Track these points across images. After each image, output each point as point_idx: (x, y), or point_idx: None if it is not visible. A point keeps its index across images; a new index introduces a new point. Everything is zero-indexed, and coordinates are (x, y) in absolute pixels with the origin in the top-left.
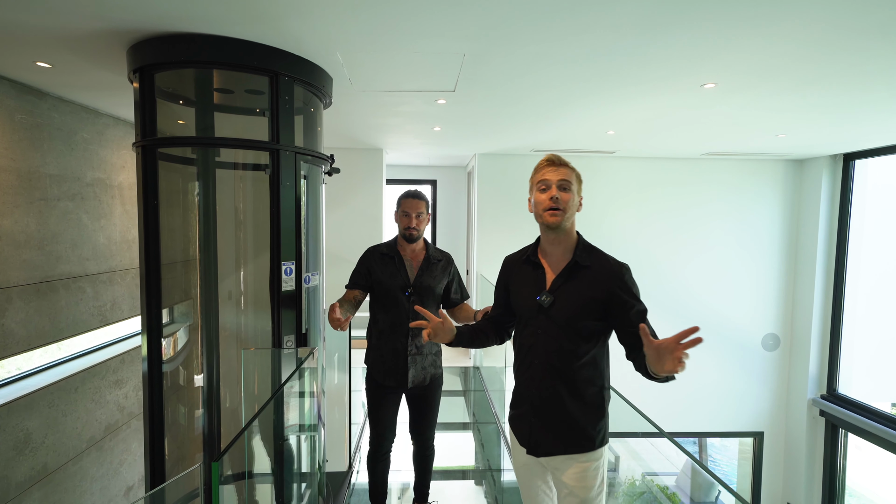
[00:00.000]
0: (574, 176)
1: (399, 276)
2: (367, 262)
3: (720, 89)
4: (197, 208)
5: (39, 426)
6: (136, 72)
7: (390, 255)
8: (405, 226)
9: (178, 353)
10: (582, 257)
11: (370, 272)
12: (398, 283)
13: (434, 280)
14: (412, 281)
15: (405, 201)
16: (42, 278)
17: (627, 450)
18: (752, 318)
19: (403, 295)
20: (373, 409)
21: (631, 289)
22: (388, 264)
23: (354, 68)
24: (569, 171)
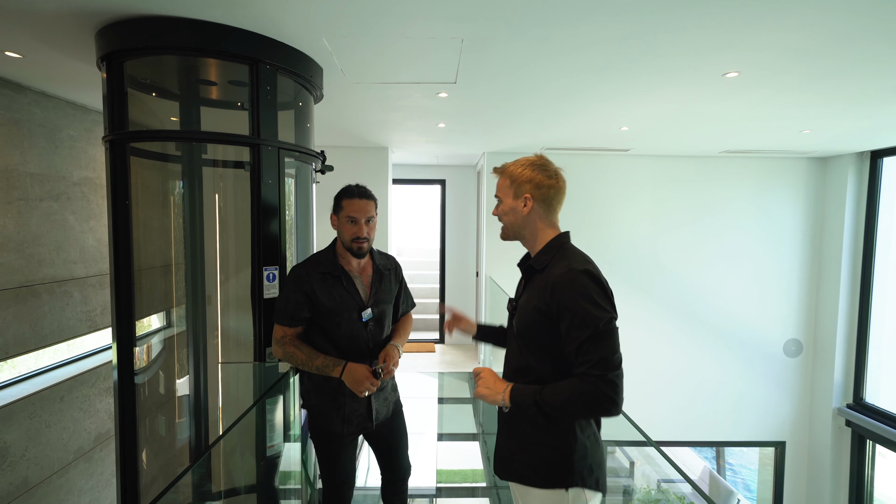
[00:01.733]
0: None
1: (351, 299)
2: (302, 287)
3: (743, 79)
4: (174, 208)
5: (19, 438)
6: (104, 59)
7: (334, 275)
8: (353, 236)
9: (151, 364)
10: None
11: (311, 299)
12: (351, 308)
13: (389, 294)
14: (367, 301)
15: (350, 203)
16: (22, 283)
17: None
18: (773, 324)
19: (360, 321)
20: (327, 462)
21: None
22: (333, 286)
23: (344, 57)
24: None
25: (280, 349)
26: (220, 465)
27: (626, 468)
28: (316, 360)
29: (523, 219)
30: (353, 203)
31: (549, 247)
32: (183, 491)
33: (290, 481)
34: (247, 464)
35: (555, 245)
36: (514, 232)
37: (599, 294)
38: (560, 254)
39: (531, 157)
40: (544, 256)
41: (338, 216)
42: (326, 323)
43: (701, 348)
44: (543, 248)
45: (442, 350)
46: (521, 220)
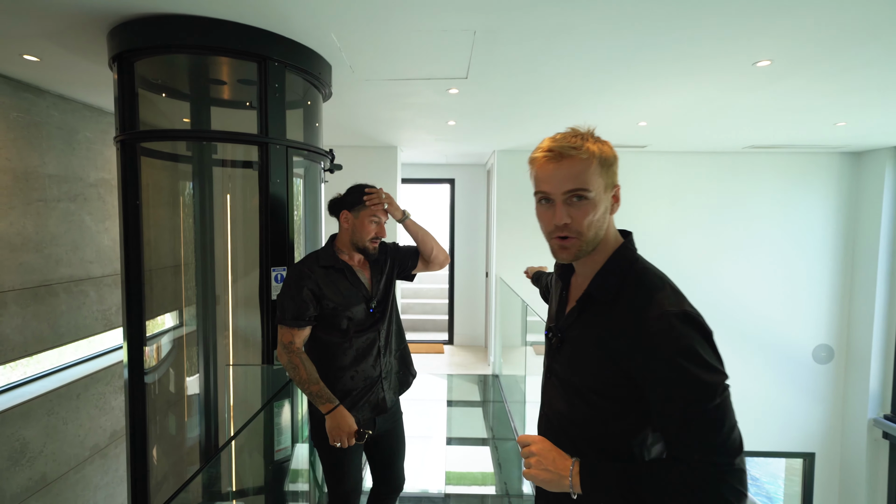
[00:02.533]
0: (593, 168)
1: (358, 292)
2: (306, 284)
3: (775, 68)
4: (184, 208)
5: (37, 435)
6: (115, 59)
7: (337, 268)
8: (373, 235)
9: (161, 364)
10: (602, 286)
11: (316, 296)
12: (359, 300)
13: (389, 281)
14: (372, 293)
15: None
16: (40, 282)
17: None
18: (803, 328)
19: (368, 313)
20: (340, 469)
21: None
22: (338, 280)
23: (353, 53)
24: (582, 165)
25: (286, 356)
26: (229, 467)
27: None
28: (312, 386)
29: (604, 223)
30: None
31: (614, 263)
32: (193, 490)
33: (299, 483)
34: (255, 466)
35: (623, 259)
36: (591, 245)
37: (707, 349)
38: (634, 277)
39: (580, 130)
40: (610, 279)
41: (356, 214)
42: (333, 319)
43: (724, 353)
44: (607, 266)
45: (451, 351)
46: (601, 227)
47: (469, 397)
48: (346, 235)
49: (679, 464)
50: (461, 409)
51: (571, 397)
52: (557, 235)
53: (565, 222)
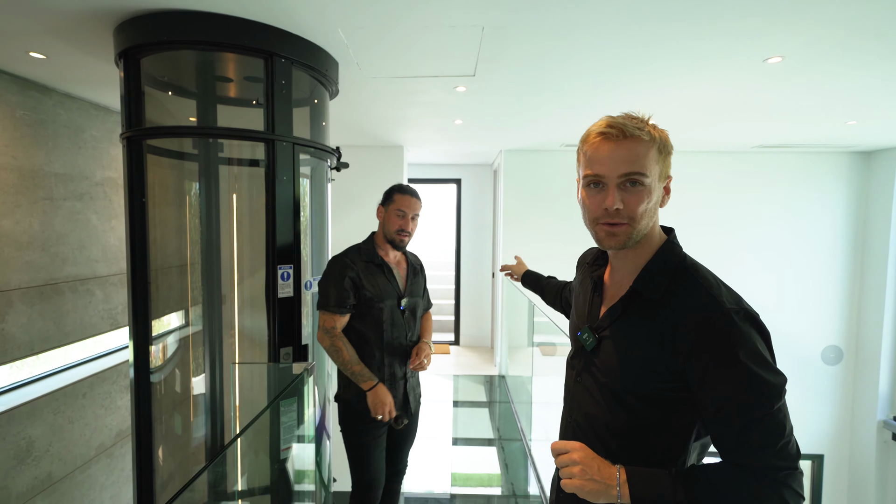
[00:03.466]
0: (653, 153)
1: (392, 288)
2: (348, 274)
3: (787, 64)
4: (190, 207)
5: (43, 433)
6: (121, 56)
7: (377, 263)
8: (398, 228)
9: (167, 363)
10: (650, 283)
11: (356, 285)
12: (392, 296)
13: (420, 289)
14: (404, 291)
15: (402, 198)
16: (46, 280)
17: None
18: (811, 329)
19: (399, 309)
20: (365, 456)
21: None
22: (377, 275)
23: (360, 49)
24: (642, 148)
25: (328, 339)
26: (234, 466)
27: None
28: (355, 366)
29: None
30: (405, 199)
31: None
32: (199, 489)
33: (305, 483)
34: (261, 465)
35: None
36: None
37: (767, 350)
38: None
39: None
40: (658, 276)
41: (386, 208)
42: (369, 310)
43: None
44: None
45: (457, 352)
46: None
47: (475, 398)
48: (380, 229)
49: (739, 469)
50: (467, 409)
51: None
52: (606, 221)
53: (617, 207)
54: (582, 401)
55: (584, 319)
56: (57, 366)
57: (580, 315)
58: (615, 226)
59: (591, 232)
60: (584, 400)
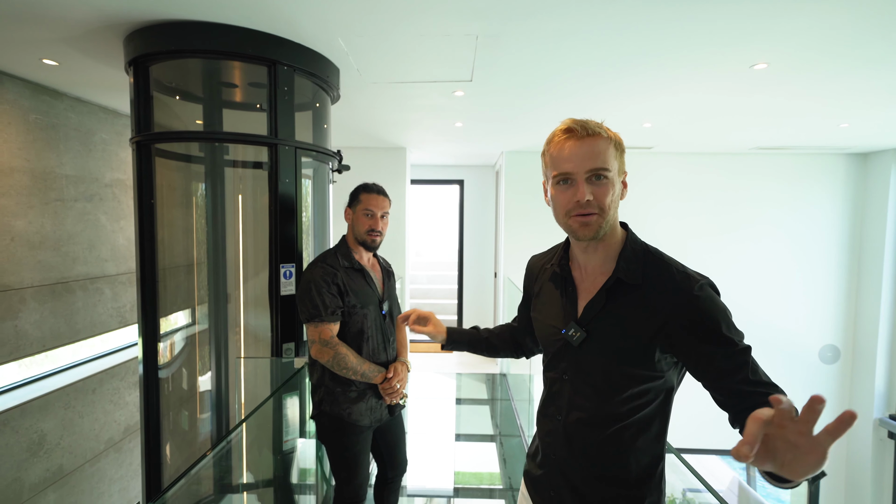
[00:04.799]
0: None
1: (373, 293)
2: (334, 280)
3: (773, 70)
4: (197, 208)
5: (54, 427)
6: (131, 64)
7: (356, 269)
8: (368, 228)
9: (175, 359)
10: (629, 270)
11: (342, 293)
12: (373, 300)
13: (394, 293)
14: (382, 295)
15: (369, 197)
16: (57, 279)
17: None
18: (809, 329)
19: (381, 315)
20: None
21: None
22: (357, 280)
23: (360, 56)
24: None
25: (330, 350)
26: (237, 459)
27: None
28: (363, 366)
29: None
30: (371, 198)
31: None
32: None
33: (306, 478)
34: (263, 458)
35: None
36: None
37: None
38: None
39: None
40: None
41: (354, 210)
42: (352, 317)
43: None
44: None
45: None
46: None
47: (478, 395)
48: (350, 232)
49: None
50: (469, 406)
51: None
52: (578, 213)
53: (588, 198)
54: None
55: (561, 318)
56: (67, 362)
57: (555, 316)
58: (587, 216)
59: (565, 226)
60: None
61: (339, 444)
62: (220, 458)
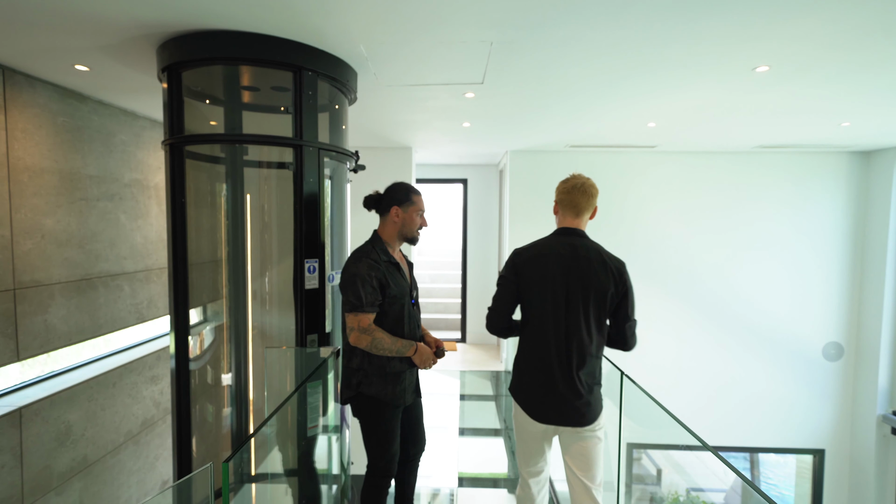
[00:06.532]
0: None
1: (406, 285)
2: (376, 275)
3: (774, 73)
4: (225, 207)
5: (80, 419)
6: (165, 70)
7: (393, 262)
8: (420, 225)
9: (205, 351)
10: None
11: (382, 285)
12: (406, 292)
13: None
14: (411, 287)
15: (419, 198)
16: (82, 276)
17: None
18: (812, 326)
19: (411, 304)
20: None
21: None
22: (394, 273)
23: (379, 62)
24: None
25: (368, 336)
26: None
27: (654, 475)
28: (398, 343)
29: None
30: (421, 199)
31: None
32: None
33: (326, 467)
34: (287, 445)
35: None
36: None
37: None
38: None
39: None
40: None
41: (405, 209)
42: (393, 307)
43: (735, 352)
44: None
45: (464, 349)
46: None
47: (483, 392)
48: (393, 228)
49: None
50: (474, 402)
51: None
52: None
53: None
54: (577, 328)
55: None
56: (91, 356)
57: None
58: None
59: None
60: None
61: (374, 421)
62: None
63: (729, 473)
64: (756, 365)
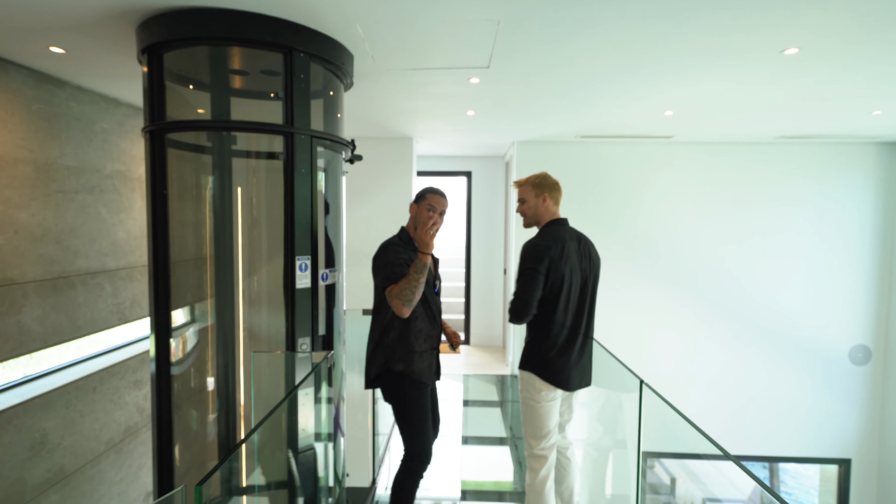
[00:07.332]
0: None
1: (429, 274)
2: (403, 257)
3: (804, 56)
4: (210, 200)
5: (56, 426)
6: (145, 52)
7: (415, 251)
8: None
9: (188, 355)
10: None
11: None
12: (430, 280)
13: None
14: (434, 275)
15: (434, 197)
16: (59, 274)
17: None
18: (838, 328)
19: (434, 292)
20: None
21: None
22: None
23: (376, 43)
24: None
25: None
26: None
27: (668, 485)
28: (412, 273)
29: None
30: (436, 198)
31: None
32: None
33: (320, 479)
34: (277, 457)
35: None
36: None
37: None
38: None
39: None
40: None
41: (418, 204)
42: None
43: (754, 355)
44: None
45: (467, 351)
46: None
47: (488, 397)
48: (411, 223)
49: None
50: (479, 408)
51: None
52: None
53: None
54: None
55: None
56: (69, 359)
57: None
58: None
59: None
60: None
61: (408, 399)
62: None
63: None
64: (777, 369)
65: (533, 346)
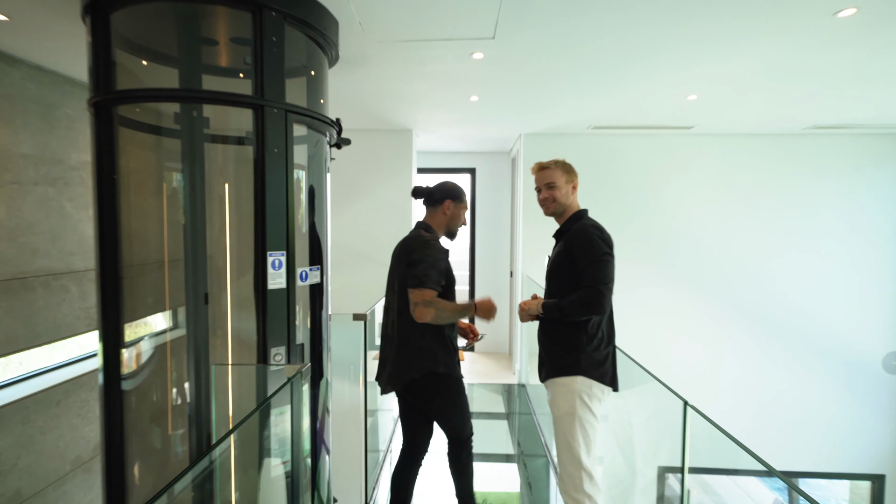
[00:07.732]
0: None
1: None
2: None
3: (861, 18)
4: (169, 188)
5: (11, 446)
6: (88, 10)
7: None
8: (463, 223)
9: (143, 367)
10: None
11: (447, 271)
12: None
13: None
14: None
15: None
16: (14, 274)
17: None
18: (870, 333)
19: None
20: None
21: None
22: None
23: (364, 5)
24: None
25: (432, 309)
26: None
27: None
28: (458, 306)
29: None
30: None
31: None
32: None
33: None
34: (250, 481)
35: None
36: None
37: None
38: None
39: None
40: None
41: (456, 205)
42: (448, 294)
43: (780, 362)
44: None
45: (471, 358)
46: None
47: (493, 409)
48: (443, 220)
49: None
50: (484, 421)
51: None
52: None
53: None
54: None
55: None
56: (26, 370)
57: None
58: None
59: None
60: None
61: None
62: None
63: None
64: (806, 377)
65: (584, 343)
